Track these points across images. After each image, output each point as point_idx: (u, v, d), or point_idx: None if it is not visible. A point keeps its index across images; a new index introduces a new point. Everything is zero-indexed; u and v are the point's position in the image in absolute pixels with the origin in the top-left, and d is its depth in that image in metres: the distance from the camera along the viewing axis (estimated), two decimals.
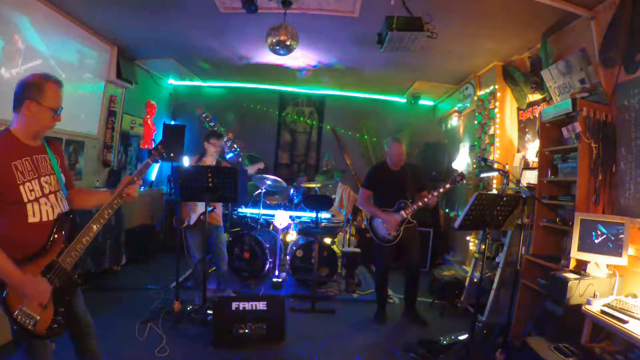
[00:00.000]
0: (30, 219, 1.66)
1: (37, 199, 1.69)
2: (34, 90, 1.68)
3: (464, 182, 3.46)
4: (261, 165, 4.40)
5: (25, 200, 1.65)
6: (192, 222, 3.65)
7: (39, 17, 3.59)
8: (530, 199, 3.18)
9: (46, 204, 1.73)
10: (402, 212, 3.55)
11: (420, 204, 3.51)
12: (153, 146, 2.08)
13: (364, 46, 4.30)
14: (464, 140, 5.81)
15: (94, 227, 1.79)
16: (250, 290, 4.37)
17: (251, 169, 4.36)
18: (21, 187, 1.64)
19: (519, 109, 4.40)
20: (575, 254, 2.72)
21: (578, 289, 2.50)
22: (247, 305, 3.08)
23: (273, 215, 5.09)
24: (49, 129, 1.80)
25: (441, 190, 3.47)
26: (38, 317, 1.62)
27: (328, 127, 7.08)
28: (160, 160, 2.10)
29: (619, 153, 2.80)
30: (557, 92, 3.41)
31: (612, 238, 2.54)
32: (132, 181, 1.91)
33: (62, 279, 1.72)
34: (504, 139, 4.50)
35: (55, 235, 1.73)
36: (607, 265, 2.63)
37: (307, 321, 3.65)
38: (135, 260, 5.03)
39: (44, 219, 1.71)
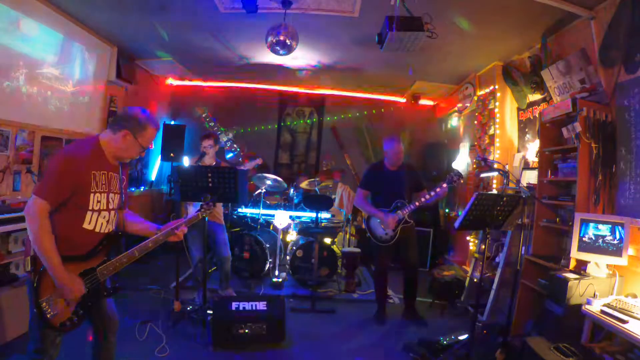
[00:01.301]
0: (85, 225, 1.80)
1: (99, 211, 1.83)
2: (136, 126, 1.86)
3: (462, 181, 3.45)
4: (259, 161, 4.38)
5: (90, 208, 1.79)
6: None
7: (39, 17, 3.58)
8: (530, 199, 3.18)
9: (104, 217, 1.87)
10: (399, 212, 3.55)
11: (417, 203, 3.52)
12: (203, 202, 2.37)
13: (364, 46, 4.30)
14: (464, 140, 5.81)
15: (136, 253, 1.93)
16: (250, 290, 4.37)
17: (249, 165, 4.33)
18: (91, 195, 1.78)
19: (519, 109, 4.40)
20: (575, 254, 2.72)
21: (578, 289, 2.50)
22: (247, 305, 3.09)
23: (273, 215, 5.09)
24: (131, 159, 1.98)
25: (438, 189, 3.47)
26: (58, 311, 1.74)
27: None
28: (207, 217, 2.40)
29: (619, 153, 2.80)
30: (557, 92, 3.41)
31: (612, 238, 2.54)
32: (181, 226, 2.06)
33: (93, 286, 1.84)
34: (504, 139, 4.50)
35: (101, 247, 1.87)
36: (607, 265, 2.63)
37: (307, 321, 3.65)
38: (135, 260, 5.02)
39: (97, 230, 1.84)
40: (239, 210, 5.44)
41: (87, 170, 1.76)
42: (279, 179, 4.88)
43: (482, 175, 4.76)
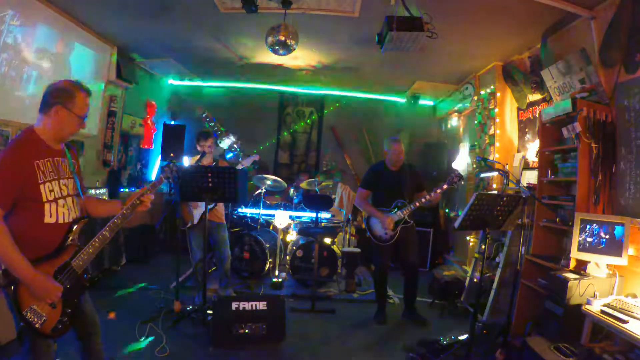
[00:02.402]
0: (47, 219, 1.70)
1: (55, 200, 1.73)
2: (65, 97, 1.73)
3: (462, 182, 3.45)
4: (256, 157, 4.37)
5: (44, 199, 1.68)
6: (195, 222, 3.67)
7: (39, 17, 3.59)
8: (530, 199, 3.18)
9: (63, 206, 1.76)
10: (399, 212, 3.55)
11: (417, 204, 3.52)
12: (164, 162, 2.22)
13: (364, 46, 4.30)
14: (464, 140, 5.81)
15: (106, 233, 1.84)
16: (250, 290, 4.37)
17: (246, 162, 4.32)
18: (41, 186, 1.67)
19: (519, 109, 4.40)
20: (575, 254, 2.72)
21: (578, 289, 2.50)
22: (247, 305, 3.08)
23: (273, 215, 5.09)
24: (73, 134, 1.85)
25: (438, 190, 3.47)
26: (46, 317, 1.65)
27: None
28: (171, 178, 2.24)
29: (619, 153, 2.80)
30: (557, 92, 3.41)
31: (612, 238, 2.54)
32: (145, 193, 1.97)
33: (72, 281, 1.75)
34: (504, 139, 4.50)
35: (70, 238, 1.77)
36: (607, 265, 2.63)
37: (307, 321, 3.65)
38: (135, 260, 5.03)
39: (60, 221, 1.74)
40: (239, 210, 5.44)
41: (28, 162, 1.64)
42: (279, 179, 4.88)
43: (482, 175, 4.76)
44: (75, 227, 1.80)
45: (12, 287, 1.60)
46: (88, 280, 1.85)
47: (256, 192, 5.18)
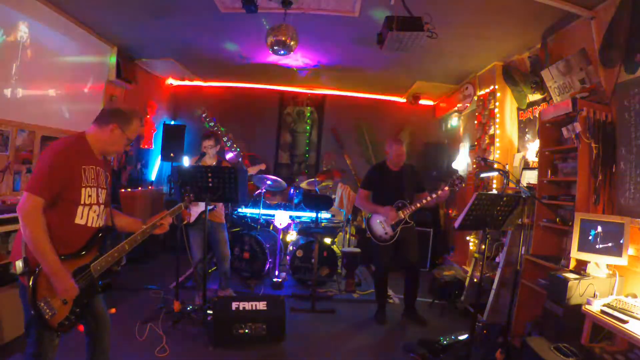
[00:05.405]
0: (77, 220, 1.79)
1: (90, 205, 1.83)
2: (124, 119, 1.89)
3: (463, 185, 3.44)
4: (262, 167, 4.39)
5: (82, 202, 1.79)
6: (192, 220, 3.67)
7: (39, 17, 3.59)
8: (530, 199, 3.18)
9: (95, 212, 1.87)
10: (400, 212, 3.55)
11: (418, 205, 3.52)
12: (181, 188, 2.49)
13: (364, 46, 4.30)
14: (464, 140, 5.81)
15: (127, 246, 1.96)
16: (250, 290, 4.37)
17: (252, 170, 4.35)
18: (82, 189, 1.79)
19: (519, 109, 4.40)
20: (575, 254, 2.72)
21: (578, 289, 2.50)
22: (247, 305, 3.08)
23: (273, 215, 5.09)
24: (117, 154, 2.03)
25: (439, 192, 3.46)
26: (56, 311, 1.72)
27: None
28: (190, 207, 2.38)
29: (619, 153, 2.80)
30: (557, 92, 3.41)
31: (612, 238, 2.54)
32: (165, 217, 2.12)
33: (87, 283, 1.83)
34: (504, 139, 4.50)
35: (94, 242, 1.87)
36: (607, 265, 2.63)
37: (307, 321, 3.65)
38: (135, 260, 5.02)
39: (89, 224, 1.84)
40: (239, 210, 5.44)
41: (77, 165, 1.76)
42: (279, 179, 4.89)
43: (482, 175, 4.76)
44: (101, 234, 1.90)
45: (31, 276, 1.66)
46: (102, 287, 1.92)
47: (256, 192, 5.18)
